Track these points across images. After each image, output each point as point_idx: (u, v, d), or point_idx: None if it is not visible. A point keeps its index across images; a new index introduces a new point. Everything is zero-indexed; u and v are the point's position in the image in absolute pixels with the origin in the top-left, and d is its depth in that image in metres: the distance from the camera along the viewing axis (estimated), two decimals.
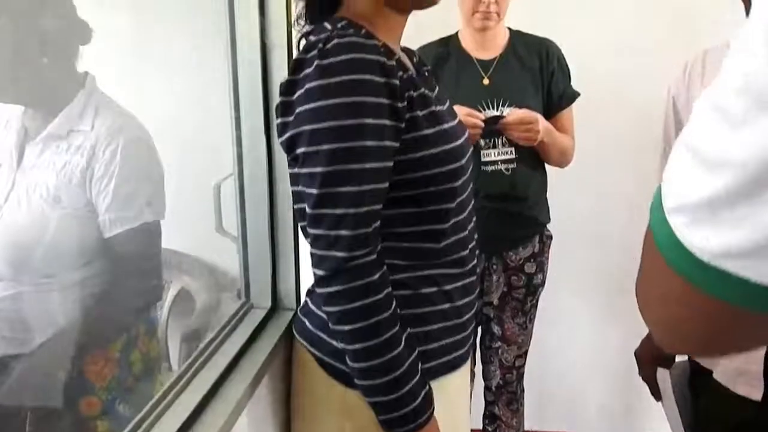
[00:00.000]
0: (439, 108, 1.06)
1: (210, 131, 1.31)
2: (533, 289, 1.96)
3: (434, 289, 1.08)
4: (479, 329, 2.02)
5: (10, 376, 1.22)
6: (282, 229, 1.36)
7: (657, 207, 0.42)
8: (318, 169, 0.94)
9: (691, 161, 0.38)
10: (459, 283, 1.11)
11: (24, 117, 1.29)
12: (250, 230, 1.33)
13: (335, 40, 0.94)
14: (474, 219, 1.18)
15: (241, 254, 1.35)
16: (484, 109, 1.81)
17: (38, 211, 1.24)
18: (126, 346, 1.37)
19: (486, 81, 1.85)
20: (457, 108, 1.72)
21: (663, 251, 0.42)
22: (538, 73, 1.85)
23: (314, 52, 0.94)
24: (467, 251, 1.13)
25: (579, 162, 1.95)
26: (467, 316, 1.14)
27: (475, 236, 1.18)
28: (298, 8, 1.10)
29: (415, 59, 1.19)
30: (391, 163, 0.98)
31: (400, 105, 0.96)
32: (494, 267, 1.91)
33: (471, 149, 1.13)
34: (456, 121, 1.11)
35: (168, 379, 1.14)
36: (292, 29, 1.14)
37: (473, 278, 1.15)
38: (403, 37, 1.11)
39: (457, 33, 1.92)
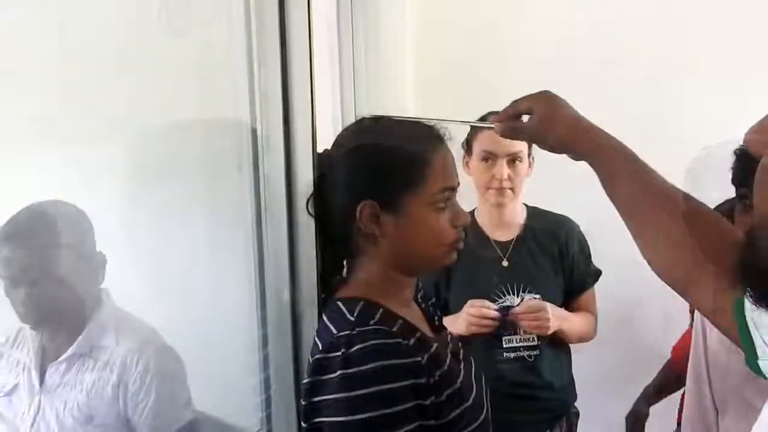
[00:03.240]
0: (459, 382, 1.02)
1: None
2: None
3: None
4: None
5: None
6: None
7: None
8: None
9: None
10: None
11: (42, 338, 1.26)
12: None
13: (358, 345, 0.90)
14: None
15: None
16: (504, 295, 1.78)
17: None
18: None
19: (505, 263, 1.82)
20: (470, 303, 1.73)
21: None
22: (558, 257, 1.83)
23: (337, 354, 0.91)
24: None
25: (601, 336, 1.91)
26: None
27: None
28: None
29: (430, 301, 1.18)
30: None
31: (427, 402, 0.93)
32: None
33: (485, 411, 1.07)
34: (474, 395, 1.05)
35: None
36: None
37: None
38: None
39: (473, 212, 1.91)
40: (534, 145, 1.81)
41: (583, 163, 1.02)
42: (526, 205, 1.92)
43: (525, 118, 1.04)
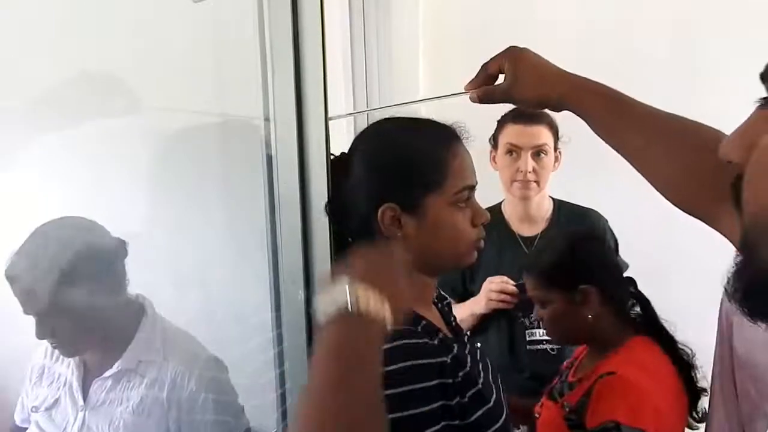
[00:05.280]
0: (480, 383, 1.00)
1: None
2: None
3: None
4: None
5: None
6: None
7: None
8: None
9: None
10: None
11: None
12: None
13: (385, 346, 0.89)
14: None
15: None
16: None
17: None
18: None
19: None
20: (489, 279, 1.74)
21: None
22: None
23: None
24: None
25: None
26: None
27: None
28: None
29: (445, 301, 1.17)
30: None
31: (453, 402, 0.92)
32: None
33: (505, 412, 1.06)
34: (494, 396, 1.04)
35: None
36: None
37: None
38: None
39: (499, 205, 1.89)
40: (561, 139, 1.81)
41: (610, 156, 0.98)
42: (552, 198, 1.89)
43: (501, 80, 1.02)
